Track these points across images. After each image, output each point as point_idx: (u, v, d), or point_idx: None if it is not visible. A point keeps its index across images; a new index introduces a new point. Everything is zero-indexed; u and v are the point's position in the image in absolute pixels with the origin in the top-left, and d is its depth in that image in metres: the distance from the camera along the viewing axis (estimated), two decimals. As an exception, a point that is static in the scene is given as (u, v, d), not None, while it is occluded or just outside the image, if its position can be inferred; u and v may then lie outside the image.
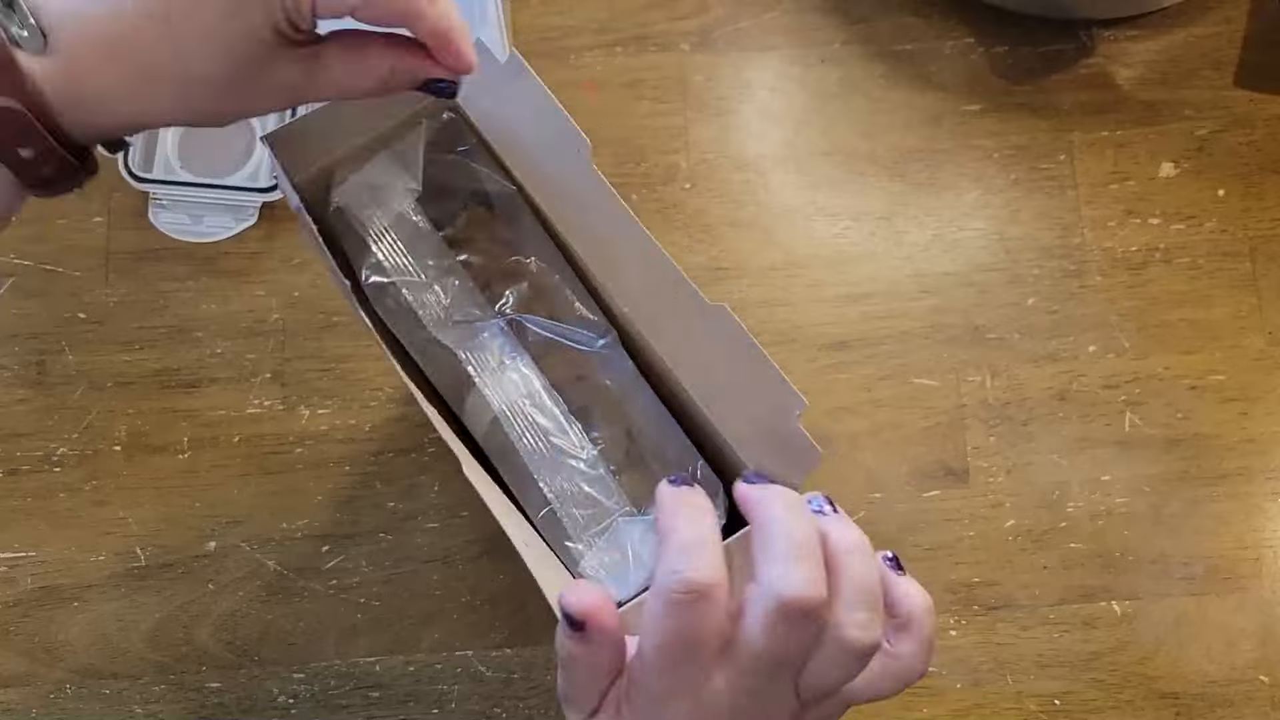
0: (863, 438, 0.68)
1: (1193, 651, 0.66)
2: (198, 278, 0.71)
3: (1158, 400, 0.68)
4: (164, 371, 0.69)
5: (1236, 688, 0.65)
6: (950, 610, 0.66)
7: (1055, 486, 0.68)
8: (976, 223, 0.71)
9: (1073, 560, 0.67)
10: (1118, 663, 0.66)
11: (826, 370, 0.69)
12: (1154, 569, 0.67)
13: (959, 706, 0.65)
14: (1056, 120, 0.72)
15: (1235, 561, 0.67)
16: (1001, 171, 0.71)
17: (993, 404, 0.69)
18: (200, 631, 0.66)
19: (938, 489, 0.68)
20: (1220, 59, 0.73)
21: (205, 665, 0.66)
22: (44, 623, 0.66)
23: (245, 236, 0.70)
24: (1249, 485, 0.68)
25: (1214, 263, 0.70)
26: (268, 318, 0.70)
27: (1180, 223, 0.71)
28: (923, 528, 0.67)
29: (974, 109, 0.72)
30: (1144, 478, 0.68)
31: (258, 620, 0.67)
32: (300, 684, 0.66)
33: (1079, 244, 0.70)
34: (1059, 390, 0.69)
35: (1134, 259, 0.70)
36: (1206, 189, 0.71)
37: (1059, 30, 0.73)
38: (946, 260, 0.70)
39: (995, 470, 0.68)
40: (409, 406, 0.68)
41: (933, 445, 0.68)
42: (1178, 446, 0.68)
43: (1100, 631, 0.66)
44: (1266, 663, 0.66)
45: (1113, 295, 0.70)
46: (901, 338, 0.69)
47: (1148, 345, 0.69)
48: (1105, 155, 0.71)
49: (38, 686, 0.66)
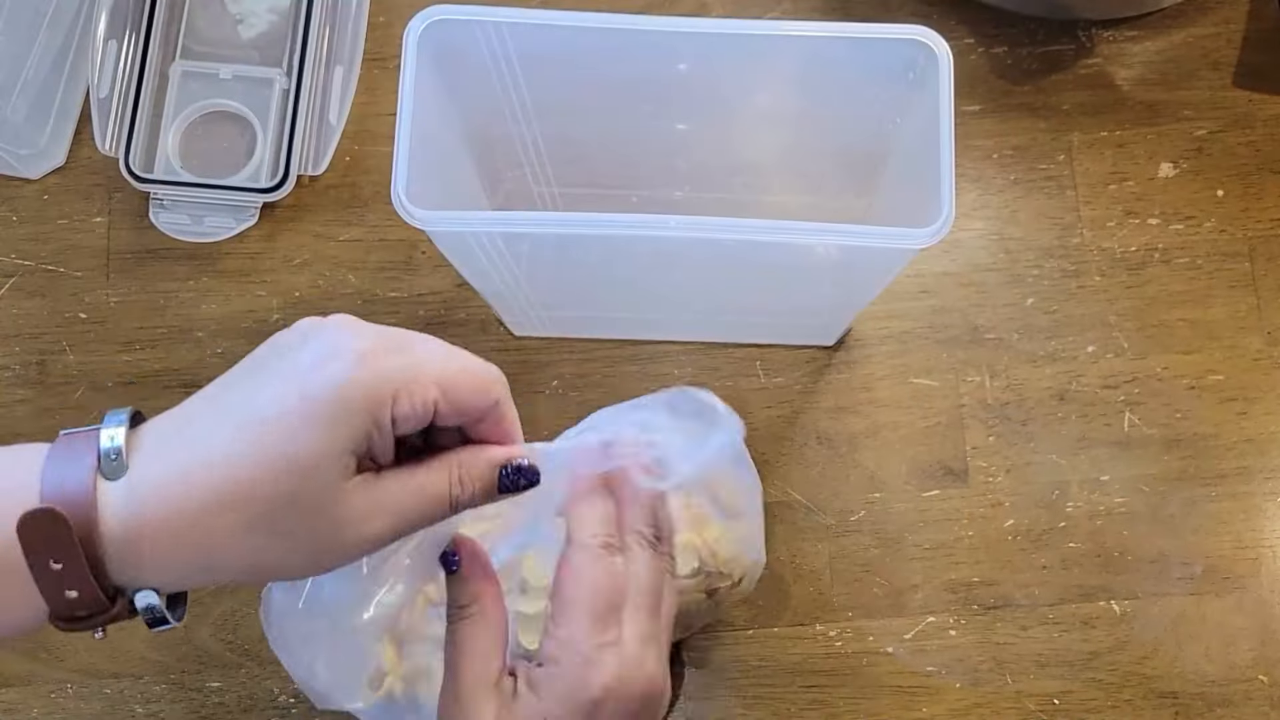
0: (862, 438, 0.68)
1: (1191, 651, 0.66)
2: (198, 278, 0.71)
3: (1157, 400, 0.69)
4: (165, 371, 0.69)
5: (1235, 687, 0.65)
6: (949, 610, 0.66)
7: (1054, 486, 0.68)
8: (975, 223, 0.71)
9: (1072, 560, 0.67)
10: (1117, 662, 0.66)
11: (826, 370, 0.69)
12: (1153, 569, 0.67)
13: (958, 706, 0.65)
14: (1056, 120, 0.72)
15: (1234, 561, 0.67)
16: (1001, 172, 0.72)
17: (992, 404, 0.69)
18: (200, 631, 0.66)
19: (937, 489, 0.68)
20: (1219, 59, 0.73)
21: (205, 665, 0.66)
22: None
23: (246, 236, 0.70)
24: (1248, 485, 0.68)
25: (1213, 263, 0.70)
26: (269, 318, 0.70)
27: (1179, 223, 0.71)
28: (922, 527, 0.67)
29: (973, 109, 0.72)
30: (1143, 477, 0.68)
31: (258, 620, 0.66)
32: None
33: (1078, 244, 0.71)
34: (1058, 390, 0.69)
35: (1133, 259, 0.70)
36: (1205, 189, 0.71)
37: (1059, 30, 0.73)
38: (945, 260, 0.70)
39: (994, 470, 0.68)
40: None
41: (932, 445, 0.68)
42: (1177, 446, 0.68)
43: (1099, 631, 0.66)
44: (1265, 662, 0.66)
45: (1112, 295, 0.70)
46: (901, 337, 0.70)
47: (1147, 345, 0.69)
48: (1104, 156, 0.72)
49: (38, 686, 0.66)
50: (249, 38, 0.73)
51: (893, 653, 0.66)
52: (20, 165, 0.70)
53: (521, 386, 0.69)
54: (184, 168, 0.71)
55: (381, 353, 0.40)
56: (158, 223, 0.70)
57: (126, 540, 0.38)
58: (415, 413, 0.40)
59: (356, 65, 0.71)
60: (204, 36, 0.73)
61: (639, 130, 0.60)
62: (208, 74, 0.72)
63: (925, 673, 0.66)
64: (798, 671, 0.66)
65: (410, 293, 0.70)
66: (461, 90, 0.56)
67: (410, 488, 0.41)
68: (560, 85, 0.57)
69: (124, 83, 0.70)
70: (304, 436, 0.38)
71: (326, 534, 0.40)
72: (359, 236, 0.71)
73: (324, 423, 0.38)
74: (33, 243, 0.71)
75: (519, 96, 0.58)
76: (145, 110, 0.70)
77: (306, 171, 0.70)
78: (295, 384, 0.39)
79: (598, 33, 0.52)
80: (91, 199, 0.72)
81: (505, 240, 0.53)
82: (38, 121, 0.71)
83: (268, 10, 0.73)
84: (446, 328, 0.70)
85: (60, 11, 0.72)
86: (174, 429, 0.40)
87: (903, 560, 0.67)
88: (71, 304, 0.70)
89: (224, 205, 0.70)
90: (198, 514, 0.38)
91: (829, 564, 0.67)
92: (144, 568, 0.39)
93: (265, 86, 0.72)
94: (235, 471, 0.38)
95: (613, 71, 0.55)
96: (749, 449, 0.68)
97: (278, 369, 0.40)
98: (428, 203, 0.50)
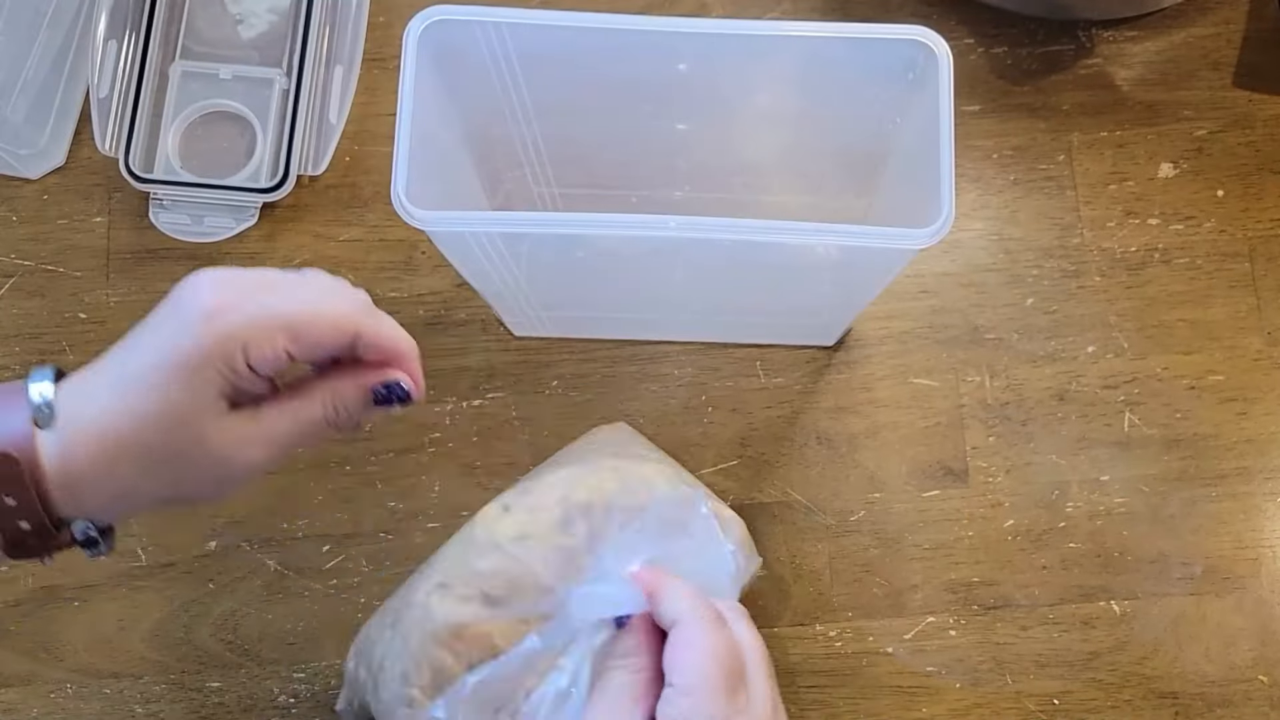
0: (862, 438, 0.68)
1: (1191, 651, 0.66)
2: (198, 278, 0.71)
3: (1156, 400, 0.69)
4: (164, 371, 0.69)
5: (1235, 687, 0.65)
6: (949, 610, 0.66)
7: (1054, 486, 0.68)
8: (975, 223, 0.71)
9: (1072, 560, 0.67)
10: (1116, 662, 0.66)
11: (826, 370, 0.69)
12: (1153, 569, 0.67)
13: (958, 706, 0.65)
14: (1055, 121, 0.72)
15: (1234, 561, 0.67)
16: (1000, 172, 0.72)
17: (992, 404, 0.69)
18: (200, 631, 0.67)
19: (937, 489, 0.68)
20: (1219, 59, 0.73)
21: (205, 665, 0.66)
22: (45, 622, 0.66)
23: (246, 236, 0.70)
24: (1248, 485, 0.68)
25: (1213, 263, 0.70)
26: (268, 318, 0.70)
27: (1179, 223, 0.71)
28: (922, 527, 0.67)
29: (973, 109, 0.72)
30: (1143, 478, 0.68)
31: (258, 620, 0.67)
32: (300, 684, 0.66)
33: (1078, 244, 0.71)
34: (1058, 390, 0.69)
35: (1133, 259, 0.70)
36: (1205, 189, 0.71)
37: (1058, 31, 0.73)
38: (945, 260, 0.70)
39: (994, 470, 0.68)
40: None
41: (932, 445, 0.68)
42: (1176, 446, 0.68)
43: (1099, 631, 0.66)
44: (1265, 662, 0.66)
45: (1111, 295, 0.70)
46: (901, 338, 0.70)
47: (1146, 345, 0.69)
48: (1104, 156, 0.72)
49: (38, 686, 0.66)
50: (249, 38, 0.73)
51: (893, 653, 0.66)
52: (20, 165, 0.70)
53: (522, 386, 0.69)
54: (184, 168, 0.71)
55: (228, 308, 0.44)
56: (157, 223, 0.70)
57: (63, 480, 0.44)
58: (267, 359, 0.44)
59: (356, 65, 0.71)
60: (204, 36, 0.73)
61: (639, 130, 0.60)
62: (208, 74, 0.72)
63: (925, 673, 0.66)
64: (798, 671, 0.66)
65: (410, 293, 0.70)
66: (461, 90, 0.56)
67: (286, 416, 0.46)
68: (560, 85, 0.57)
69: (124, 83, 0.70)
70: (168, 394, 0.44)
71: (214, 468, 0.45)
72: (359, 236, 0.71)
73: (179, 382, 0.43)
74: (32, 243, 0.71)
75: (519, 96, 0.58)
76: (145, 110, 0.70)
77: (306, 171, 0.70)
78: (154, 346, 0.44)
79: (598, 33, 0.52)
80: (91, 199, 0.72)
81: (505, 240, 0.53)
82: (38, 121, 0.71)
83: (268, 10, 0.73)
84: (446, 328, 0.70)
85: (60, 11, 0.72)
86: (82, 386, 0.45)
87: (903, 560, 0.67)
88: (71, 304, 0.70)
89: (224, 205, 0.70)
90: (108, 463, 0.44)
91: (829, 564, 0.67)
92: (79, 502, 0.45)
93: (265, 86, 0.72)
94: (120, 427, 0.44)
95: (613, 71, 0.55)
96: (749, 449, 0.69)
97: (151, 330, 0.45)
98: (428, 203, 0.50)
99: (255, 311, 0.44)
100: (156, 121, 0.71)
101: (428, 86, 0.52)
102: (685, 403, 0.69)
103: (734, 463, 0.68)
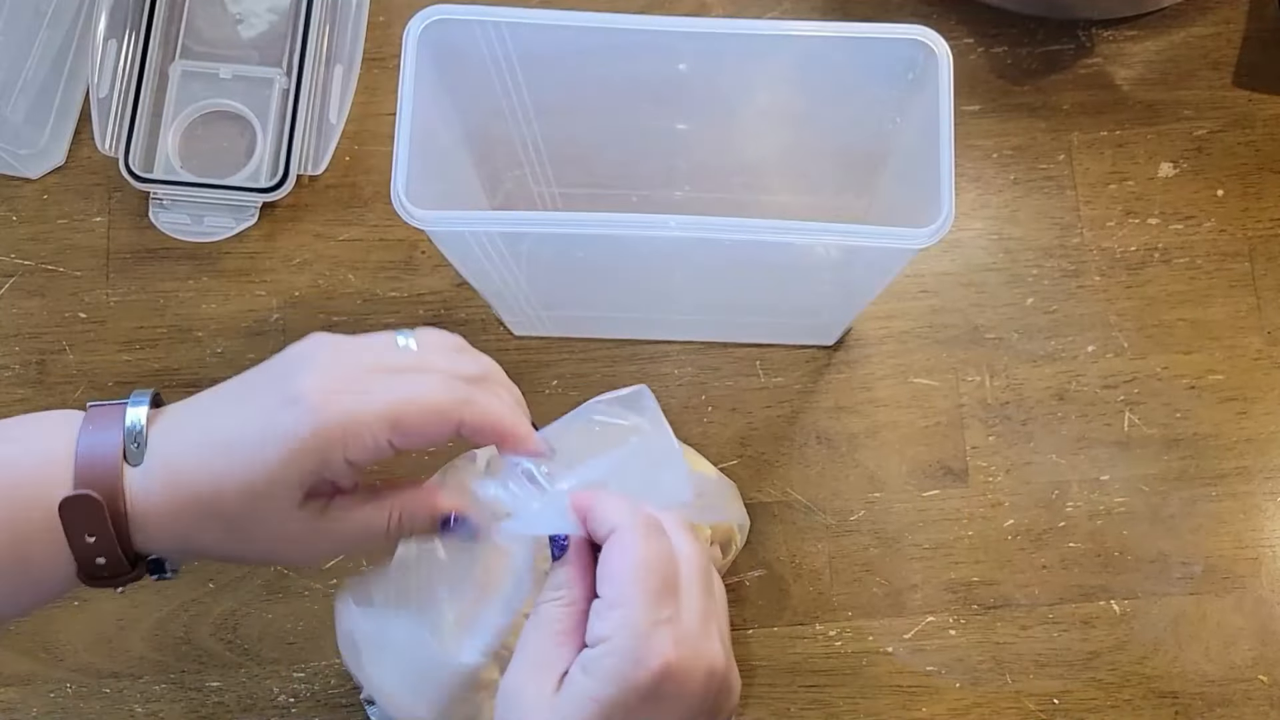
0: (862, 437, 0.68)
1: (1191, 651, 0.66)
2: (198, 278, 0.71)
3: (1156, 400, 0.69)
4: (164, 371, 0.69)
5: (1235, 687, 0.65)
6: (949, 609, 0.66)
7: (1054, 486, 0.68)
8: (975, 223, 0.71)
9: (1071, 560, 0.67)
10: (1116, 662, 0.66)
11: (826, 370, 0.69)
12: (1153, 568, 0.67)
13: (958, 706, 0.65)
14: (1055, 120, 0.72)
15: (1234, 561, 0.67)
16: (1000, 171, 0.72)
17: (992, 404, 0.69)
18: (200, 631, 0.67)
19: (937, 489, 0.68)
20: (1219, 59, 0.73)
21: (205, 664, 0.66)
22: (44, 622, 0.66)
23: (246, 236, 0.70)
24: (1247, 485, 0.68)
25: (1213, 263, 0.70)
26: (268, 318, 0.70)
27: (1179, 223, 0.71)
28: (922, 527, 0.67)
29: (973, 109, 0.72)
30: (1143, 477, 0.68)
31: (258, 620, 0.67)
32: (300, 684, 0.66)
33: (1078, 244, 0.71)
34: (1058, 390, 0.69)
35: (1133, 259, 0.70)
36: (1205, 189, 0.71)
37: (1058, 30, 0.73)
38: (945, 260, 0.70)
39: (994, 470, 0.68)
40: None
41: (932, 445, 0.68)
42: (1176, 446, 0.68)
43: (1099, 631, 0.66)
44: (1265, 662, 0.66)
45: (1111, 295, 0.70)
46: (901, 337, 0.70)
47: (1146, 345, 0.69)
48: (1104, 155, 0.72)
49: (38, 686, 0.66)
50: (249, 37, 0.73)
51: (892, 652, 0.66)
52: (20, 165, 0.70)
53: (522, 386, 0.68)
54: (184, 167, 0.71)
55: (334, 397, 0.44)
56: (157, 222, 0.70)
57: (140, 520, 0.45)
58: (366, 453, 0.44)
59: (356, 65, 0.71)
60: (204, 36, 0.73)
61: (639, 130, 0.60)
62: (208, 74, 0.72)
63: (925, 672, 0.66)
64: (798, 671, 0.66)
65: (410, 292, 0.70)
66: (461, 90, 0.56)
67: (354, 523, 0.47)
68: (560, 85, 0.57)
69: (124, 82, 0.70)
70: (251, 471, 0.44)
71: (271, 552, 0.48)
72: (359, 236, 0.71)
73: (276, 461, 0.44)
74: (32, 242, 0.71)
75: (519, 96, 0.58)
76: (145, 110, 0.70)
77: (306, 171, 0.70)
78: (250, 417, 0.45)
79: (598, 33, 0.52)
80: (91, 199, 0.72)
81: (505, 240, 0.53)
82: (38, 121, 0.71)
83: (268, 10, 0.73)
84: (446, 328, 0.69)
85: (60, 11, 0.72)
86: (174, 429, 0.46)
87: (902, 560, 0.67)
88: (71, 304, 0.70)
89: (224, 205, 0.70)
90: (184, 515, 0.45)
91: (829, 564, 0.67)
92: (151, 542, 0.46)
93: (265, 86, 0.72)
94: (200, 485, 0.45)
95: (613, 71, 0.55)
96: (749, 448, 0.68)
97: (253, 393, 0.46)
98: (428, 203, 0.50)
99: (357, 406, 0.44)
100: (156, 121, 0.71)
101: (428, 86, 0.52)
102: (685, 402, 0.69)
103: (734, 462, 0.68)
